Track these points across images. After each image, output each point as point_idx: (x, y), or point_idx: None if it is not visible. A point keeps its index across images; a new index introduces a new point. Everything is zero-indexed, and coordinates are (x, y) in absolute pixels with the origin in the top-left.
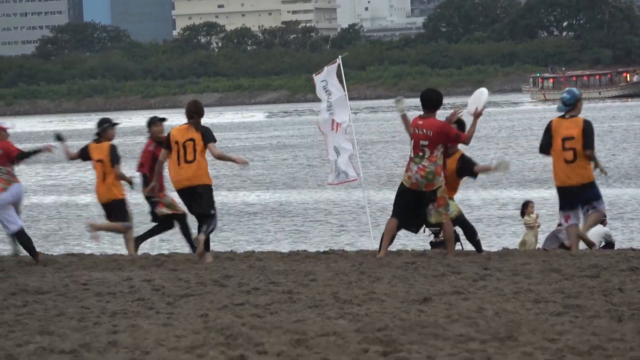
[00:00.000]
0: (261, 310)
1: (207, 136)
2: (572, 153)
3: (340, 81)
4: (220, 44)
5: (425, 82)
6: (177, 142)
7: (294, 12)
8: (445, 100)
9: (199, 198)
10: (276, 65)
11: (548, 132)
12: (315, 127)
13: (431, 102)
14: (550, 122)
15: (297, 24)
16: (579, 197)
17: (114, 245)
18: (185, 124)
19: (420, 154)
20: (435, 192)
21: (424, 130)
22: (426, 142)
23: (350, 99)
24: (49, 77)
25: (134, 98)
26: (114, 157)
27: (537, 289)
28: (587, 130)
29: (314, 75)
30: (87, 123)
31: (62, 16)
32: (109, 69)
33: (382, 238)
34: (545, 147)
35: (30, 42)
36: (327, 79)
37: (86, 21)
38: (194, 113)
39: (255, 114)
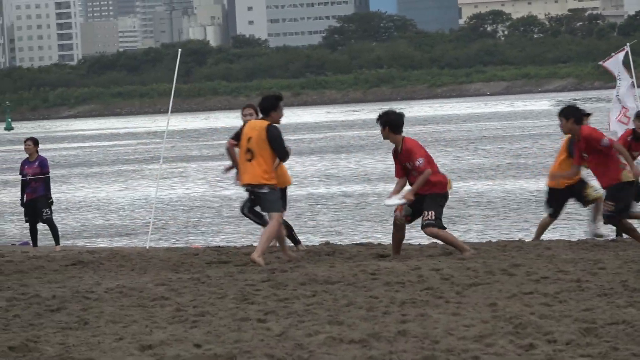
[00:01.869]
0: (550, 299)
1: None
2: None
3: (628, 69)
4: (506, 32)
5: None
6: None
7: None
8: None
9: None
10: (563, 53)
11: None
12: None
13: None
14: None
15: (584, 11)
16: None
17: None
18: None
19: None
20: None
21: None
22: None
23: (639, 86)
24: (335, 67)
25: (421, 87)
26: None
27: None
28: None
29: (601, 62)
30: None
31: (349, 6)
32: (395, 58)
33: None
34: None
35: (317, 33)
36: (619, 67)
37: (372, 11)
38: None
39: (540, 102)
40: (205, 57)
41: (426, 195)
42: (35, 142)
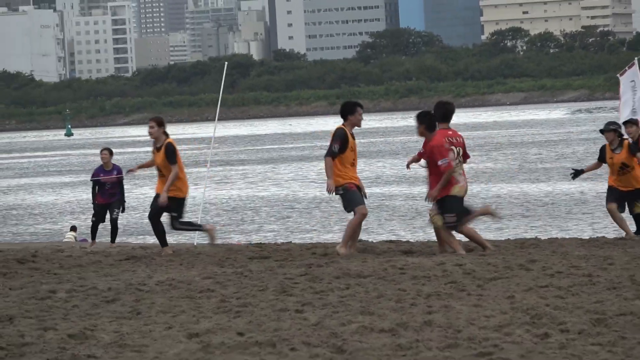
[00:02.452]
0: (563, 292)
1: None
2: None
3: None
4: (524, 47)
5: None
6: None
7: (593, 17)
8: None
9: None
10: (576, 66)
11: None
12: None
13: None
14: None
15: (596, 28)
16: None
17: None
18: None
19: None
20: None
21: (457, 139)
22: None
23: None
24: (368, 79)
25: (446, 97)
26: None
27: None
28: None
29: (618, 75)
30: (401, 121)
31: (380, 23)
32: (423, 71)
33: (477, 240)
34: None
35: (351, 47)
36: (635, 79)
37: (402, 27)
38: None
39: (556, 112)
40: (248, 70)
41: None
42: (110, 152)
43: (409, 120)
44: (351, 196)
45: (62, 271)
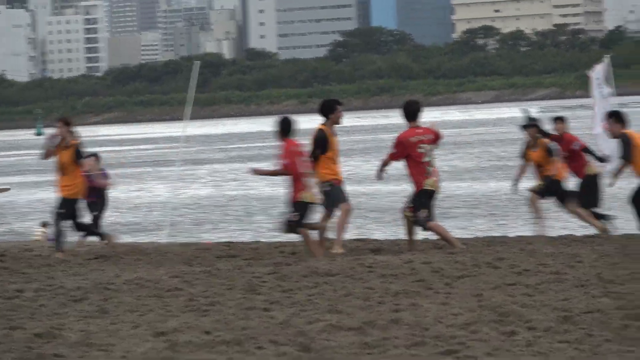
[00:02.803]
0: (531, 289)
1: None
2: None
3: (608, 79)
4: (496, 46)
5: None
6: None
7: (564, 15)
8: None
9: None
10: (547, 64)
11: None
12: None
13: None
14: None
15: (567, 26)
16: None
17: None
18: None
19: None
20: None
21: (427, 136)
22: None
23: (616, 95)
24: (340, 78)
25: (418, 96)
26: None
27: None
28: None
29: (590, 72)
30: (371, 120)
31: (352, 22)
32: (394, 69)
33: (444, 236)
34: None
35: (323, 46)
36: (601, 76)
37: (374, 26)
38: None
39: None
40: (220, 69)
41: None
42: (97, 157)
43: (380, 119)
44: (338, 193)
45: (30, 270)
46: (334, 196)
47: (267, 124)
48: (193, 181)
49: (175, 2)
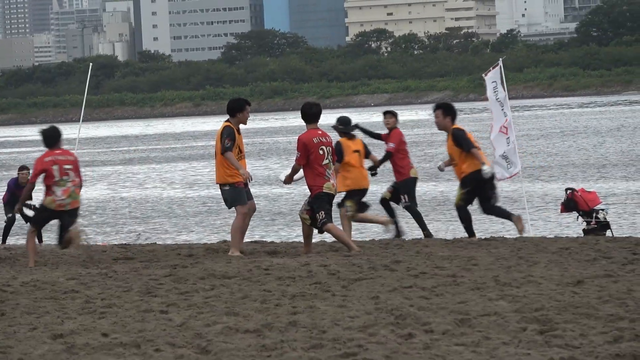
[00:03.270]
0: (428, 292)
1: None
2: None
3: (502, 82)
4: (389, 49)
5: (577, 83)
6: None
7: (457, 19)
8: (597, 99)
9: None
10: (440, 68)
11: None
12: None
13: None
14: None
15: (460, 29)
16: None
17: (292, 233)
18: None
19: None
20: None
21: (327, 139)
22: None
23: (509, 98)
24: (233, 80)
25: (311, 98)
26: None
27: None
28: None
29: (483, 75)
30: (262, 123)
31: (245, 24)
32: (287, 72)
33: (342, 240)
34: None
35: (216, 49)
36: (497, 80)
37: (267, 28)
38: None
39: (421, 112)
40: (113, 71)
41: None
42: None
43: (273, 121)
44: (236, 194)
45: None
46: (231, 197)
47: (162, 125)
48: (88, 183)
49: (68, 3)
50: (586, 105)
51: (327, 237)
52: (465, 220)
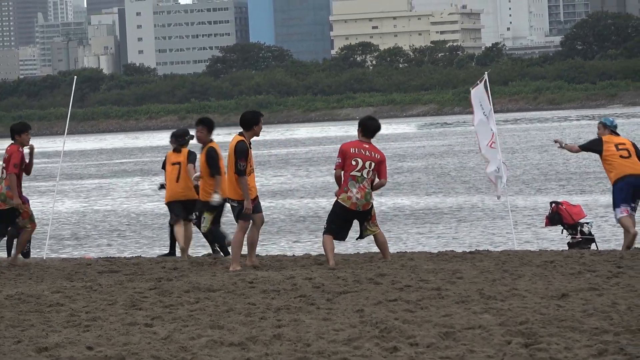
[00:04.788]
0: (412, 305)
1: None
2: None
3: (488, 95)
4: (374, 62)
5: (562, 96)
6: None
7: (442, 32)
8: (582, 113)
9: None
10: (425, 81)
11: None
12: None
13: (369, 130)
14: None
15: (445, 43)
16: None
17: (278, 245)
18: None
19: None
20: (370, 210)
21: (372, 154)
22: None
23: (494, 111)
24: (218, 93)
25: (296, 112)
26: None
27: None
28: None
29: (471, 88)
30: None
31: (230, 37)
32: (273, 85)
33: (326, 253)
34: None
35: (202, 62)
36: (482, 94)
37: (252, 42)
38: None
39: (406, 126)
40: (98, 84)
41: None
42: None
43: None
44: (241, 210)
45: None
46: (238, 212)
47: (146, 138)
48: (67, 196)
49: (53, 16)
50: (571, 118)
51: (316, 250)
52: (219, 239)
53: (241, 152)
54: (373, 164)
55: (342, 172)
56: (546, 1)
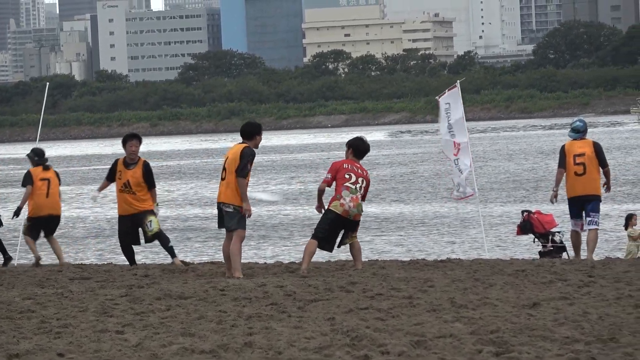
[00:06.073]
0: (384, 314)
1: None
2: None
3: (459, 103)
4: (346, 70)
5: (534, 105)
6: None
7: (414, 40)
8: (554, 122)
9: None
10: (398, 89)
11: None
12: (441, 152)
13: (360, 151)
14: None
15: (417, 51)
16: None
17: (250, 253)
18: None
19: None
20: (359, 222)
21: (363, 173)
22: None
23: (466, 120)
24: (190, 100)
25: (268, 119)
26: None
27: (638, 295)
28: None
29: (437, 97)
30: (221, 142)
31: (203, 45)
32: (245, 92)
33: (304, 255)
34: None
35: (174, 69)
36: (450, 102)
37: (225, 49)
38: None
39: (378, 134)
40: (70, 90)
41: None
42: None
43: (230, 142)
44: (244, 218)
45: None
46: (243, 219)
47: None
48: None
49: (25, 22)
50: (543, 127)
51: (287, 258)
52: (165, 240)
53: (251, 155)
54: (365, 182)
55: (335, 185)
56: (518, 10)
